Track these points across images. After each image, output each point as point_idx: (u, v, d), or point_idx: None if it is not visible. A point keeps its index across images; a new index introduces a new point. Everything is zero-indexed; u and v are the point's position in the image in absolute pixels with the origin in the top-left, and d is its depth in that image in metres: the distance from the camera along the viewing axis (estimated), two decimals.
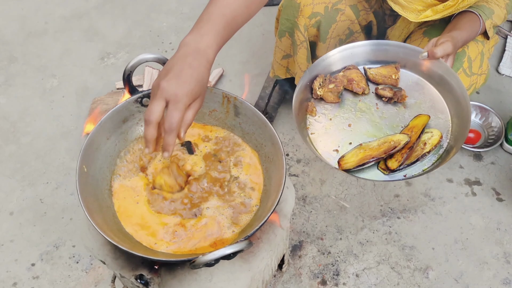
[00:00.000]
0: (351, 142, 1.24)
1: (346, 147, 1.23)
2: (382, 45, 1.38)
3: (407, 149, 1.19)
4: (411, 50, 1.35)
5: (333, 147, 1.23)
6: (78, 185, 0.97)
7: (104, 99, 2.02)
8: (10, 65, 2.22)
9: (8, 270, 1.62)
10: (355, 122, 1.28)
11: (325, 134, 1.25)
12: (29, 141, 1.95)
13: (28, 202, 1.77)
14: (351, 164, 1.17)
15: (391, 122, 1.27)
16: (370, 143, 1.21)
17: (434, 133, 1.23)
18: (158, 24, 2.39)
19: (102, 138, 1.07)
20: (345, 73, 1.33)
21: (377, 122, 1.28)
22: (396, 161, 1.18)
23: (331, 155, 1.22)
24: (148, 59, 1.06)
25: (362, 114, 1.29)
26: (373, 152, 1.19)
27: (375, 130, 1.26)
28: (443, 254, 1.64)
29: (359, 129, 1.26)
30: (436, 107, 1.30)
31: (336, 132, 1.26)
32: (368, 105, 1.31)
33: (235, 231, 1.02)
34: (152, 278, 1.02)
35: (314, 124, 1.28)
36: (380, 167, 1.20)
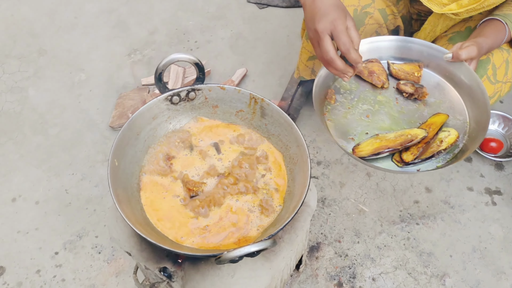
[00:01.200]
0: (367, 133, 1.25)
1: (362, 137, 1.24)
2: (408, 42, 1.40)
3: (424, 144, 1.20)
4: (436, 50, 1.36)
5: (348, 135, 1.25)
6: (110, 178, 1.00)
7: (130, 95, 2.07)
8: (40, 58, 2.28)
9: (32, 258, 1.67)
10: (373, 114, 1.30)
11: (342, 122, 1.27)
12: (56, 133, 2.00)
13: (54, 192, 1.82)
14: (365, 152, 1.19)
15: (410, 118, 1.29)
16: (386, 135, 1.23)
17: (452, 132, 1.24)
18: (185, 23, 2.43)
19: (133, 134, 1.10)
20: (367, 65, 1.36)
21: (395, 116, 1.29)
22: (411, 154, 1.19)
23: (346, 143, 1.23)
24: (180, 59, 1.09)
25: (381, 106, 1.31)
26: (389, 143, 1.20)
27: (392, 124, 1.27)
28: (460, 262, 1.64)
29: (376, 121, 1.28)
30: (455, 108, 1.31)
31: (353, 122, 1.28)
32: (388, 98, 1.33)
33: (259, 230, 1.05)
34: (176, 271, 1.05)
35: (332, 111, 1.30)
36: (394, 159, 1.21)
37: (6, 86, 2.17)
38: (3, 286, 1.60)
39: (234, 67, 2.22)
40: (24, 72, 2.22)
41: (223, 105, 1.20)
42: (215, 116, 1.21)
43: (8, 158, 1.93)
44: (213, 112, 1.21)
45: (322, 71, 1.30)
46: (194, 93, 1.17)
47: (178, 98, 1.16)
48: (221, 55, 2.29)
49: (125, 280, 1.60)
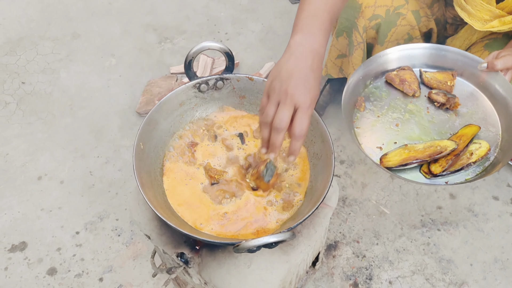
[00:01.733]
0: (396, 142, 1.23)
1: (390, 146, 1.22)
2: (442, 50, 1.36)
3: (453, 156, 1.17)
4: (471, 59, 1.32)
5: (377, 144, 1.22)
6: (134, 161, 1.01)
7: (158, 82, 2.09)
8: (73, 41, 2.32)
9: (54, 236, 1.71)
10: (403, 122, 1.27)
11: (371, 131, 1.25)
12: (84, 115, 2.04)
13: (78, 173, 1.86)
14: (393, 162, 1.17)
15: (440, 128, 1.26)
16: (415, 145, 1.20)
17: (483, 144, 1.20)
18: (216, 14, 2.43)
19: (160, 119, 1.11)
20: (399, 72, 1.33)
21: (425, 126, 1.26)
22: (440, 166, 1.16)
23: (374, 152, 1.21)
24: (211, 47, 1.09)
25: (411, 116, 1.28)
26: (417, 154, 1.18)
27: (422, 134, 1.25)
28: (481, 271, 1.60)
29: (406, 130, 1.25)
30: (488, 119, 1.27)
31: (382, 130, 1.25)
32: (418, 107, 1.30)
33: (278, 222, 1.04)
34: (193, 257, 1.06)
35: (361, 119, 1.28)
36: (422, 170, 1.18)
37: (39, 67, 2.22)
38: (24, 261, 1.65)
39: (263, 61, 2.21)
40: (57, 54, 2.26)
41: (250, 96, 1.20)
42: (241, 106, 1.21)
43: (37, 137, 1.97)
44: (240, 103, 1.21)
45: (353, 78, 1.27)
46: (222, 82, 1.18)
47: (206, 86, 1.17)
48: (251, 48, 2.29)
49: (142, 264, 1.62)
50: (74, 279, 1.61)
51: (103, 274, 1.62)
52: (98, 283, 1.60)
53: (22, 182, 1.84)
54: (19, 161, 1.90)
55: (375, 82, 1.34)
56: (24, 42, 2.31)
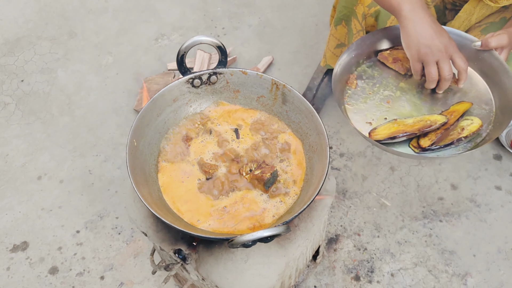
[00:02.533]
0: (386, 118, 1.23)
1: (380, 121, 1.22)
2: None
3: (443, 130, 1.17)
4: (465, 38, 1.31)
5: (367, 119, 1.23)
6: (128, 158, 1.00)
7: (155, 79, 2.08)
8: (70, 40, 2.31)
9: (55, 235, 1.71)
10: (394, 100, 1.27)
11: (362, 107, 1.25)
12: (82, 114, 2.04)
13: (78, 172, 1.86)
14: (382, 135, 1.17)
15: (432, 105, 1.26)
16: (405, 120, 1.21)
17: (475, 120, 1.20)
18: (213, 9, 2.42)
19: (153, 115, 1.11)
20: (392, 52, 1.33)
21: (416, 103, 1.26)
22: (429, 140, 1.16)
23: (363, 126, 1.21)
24: (203, 41, 1.08)
25: (402, 93, 1.28)
26: (407, 127, 1.18)
27: (413, 110, 1.25)
28: (484, 262, 1.59)
29: (397, 107, 1.26)
30: (482, 98, 1.27)
31: (373, 107, 1.26)
32: (410, 86, 1.30)
33: (275, 217, 1.04)
34: (190, 253, 1.05)
35: (352, 96, 1.28)
36: (411, 145, 1.18)
37: (37, 67, 2.21)
38: (26, 260, 1.65)
39: (261, 55, 2.20)
40: (54, 54, 2.26)
41: (245, 90, 1.19)
42: (236, 101, 1.20)
43: (36, 137, 1.97)
44: (234, 97, 1.20)
45: (345, 55, 1.28)
46: (215, 77, 1.17)
47: (200, 81, 1.16)
48: (248, 42, 2.27)
49: (142, 262, 1.62)
50: (75, 277, 1.61)
51: (104, 272, 1.62)
52: (99, 281, 1.60)
53: (22, 182, 1.84)
54: (19, 161, 1.90)
55: (368, 61, 1.35)
56: (21, 43, 2.31)
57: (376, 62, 1.35)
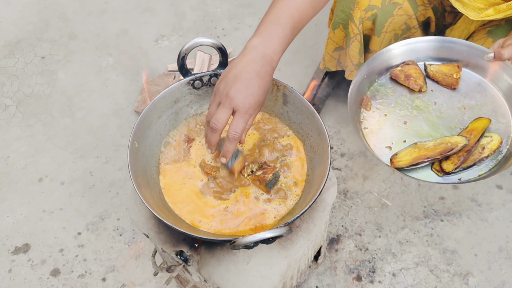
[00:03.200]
0: (405, 140, 1.20)
1: (400, 145, 1.19)
2: (447, 42, 1.33)
3: (465, 152, 1.14)
4: (477, 49, 1.28)
5: (386, 143, 1.19)
6: (129, 160, 1.01)
7: (155, 80, 2.08)
8: (70, 42, 2.32)
9: (56, 237, 1.71)
10: (411, 120, 1.24)
11: (379, 130, 1.22)
12: (83, 116, 2.04)
13: (79, 174, 1.86)
14: (404, 162, 1.14)
15: (449, 123, 1.22)
16: (425, 143, 1.17)
17: (494, 137, 1.17)
18: (213, 10, 2.42)
19: (154, 117, 1.11)
20: (403, 68, 1.30)
21: (434, 122, 1.23)
22: (452, 164, 1.13)
23: (383, 152, 1.18)
24: (203, 43, 1.08)
25: (418, 112, 1.25)
26: (428, 152, 1.14)
27: (431, 130, 1.21)
28: (485, 261, 1.59)
29: (414, 128, 1.22)
30: (498, 111, 1.24)
31: (390, 129, 1.22)
32: (425, 103, 1.26)
33: (276, 218, 1.04)
34: (192, 255, 1.05)
35: (368, 118, 1.24)
36: (434, 168, 1.15)
37: (37, 69, 2.22)
38: (28, 262, 1.65)
39: None
40: (55, 56, 2.26)
41: None
42: None
43: (36, 139, 1.97)
44: None
45: (357, 77, 1.24)
46: (216, 78, 1.17)
47: (200, 83, 1.16)
48: None
49: (144, 263, 1.62)
50: (77, 279, 1.61)
51: (106, 274, 1.62)
52: (101, 283, 1.60)
53: (23, 184, 1.84)
54: (20, 163, 1.91)
55: (380, 79, 1.32)
56: (22, 45, 2.31)
57: (388, 80, 1.31)
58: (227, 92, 0.93)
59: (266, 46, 0.97)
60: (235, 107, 0.93)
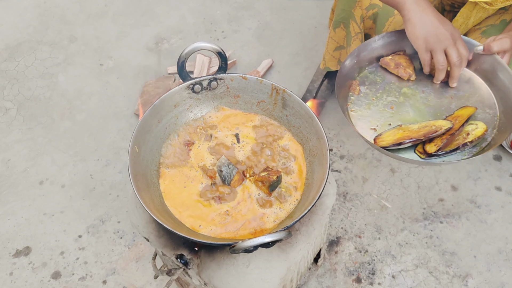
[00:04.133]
0: (391, 124, 1.23)
1: (385, 128, 1.23)
2: None
3: (448, 136, 1.17)
4: (467, 42, 1.32)
5: (371, 125, 1.23)
6: (130, 164, 1.01)
7: (155, 83, 2.09)
8: (70, 44, 2.32)
9: (57, 240, 1.71)
10: (398, 106, 1.28)
11: (366, 113, 1.26)
12: (83, 119, 2.04)
13: (79, 177, 1.86)
14: (387, 142, 1.17)
15: (436, 111, 1.26)
16: (410, 125, 1.21)
17: (479, 125, 1.20)
18: (212, 12, 2.43)
19: (154, 121, 1.11)
20: (394, 57, 1.34)
21: (420, 109, 1.27)
22: (434, 146, 1.16)
23: (368, 133, 1.22)
24: (203, 47, 1.09)
25: (406, 99, 1.29)
26: (412, 133, 1.18)
27: (417, 116, 1.25)
28: (485, 263, 1.60)
29: (401, 113, 1.26)
30: (485, 102, 1.27)
31: (377, 113, 1.26)
32: (414, 91, 1.30)
33: (276, 222, 1.04)
34: (192, 258, 1.06)
35: (356, 102, 1.29)
36: (417, 150, 1.18)
37: (37, 72, 2.22)
38: (29, 265, 1.66)
39: (260, 58, 2.21)
40: (55, 59, 2.27)
41: (245, 95, 1.19)
42: (236, 106, 1.21)
43: (37, 142, 1.98)
44: (235, 102, 1.21)
45: (347, 61, 1.29)
46: (216, 82, 1.17)
47: (200, 87, 1.17)
48: (248, 45, 2.28)
49: (144, 266, 1.63)
50: (78, 282, 1.62)
51: (107, 276, 1.62)
52: (102, 285, 1.61)
53: (24, 187, 1.85)
54: (21, 166, 1.91)
55: (370, 67, 1.36)
56: (22, 48, 2.32)
57: (378, 68, 1.35)
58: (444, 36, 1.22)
59: None
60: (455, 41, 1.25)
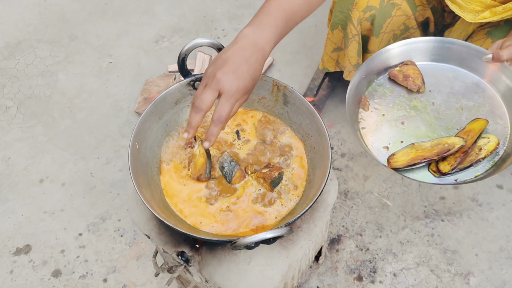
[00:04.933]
0: (403, 141, 1.20)
1: (397, 145, 1.19)
2: (445, 43, 1.32)
3: (461, 153, 1.14)
4: (475, 50, 1.28)
5: (383, 143, 1.20)
6: (130, 161, 1.01)
7: (156, 81, 2.08)
8: (70, 43, 2.32)
9: (57, 238, 1.71)
10: (409, 120, 1.24)
11: (376, 130, 1.22)
12: (83, 117, 2.04)
13: (79, 175, 1.86)
14: (401, 163, 1.14)
15: (447, 124, 1.23)
16: (423, 143, 1.17)
17: (491, 139, 1.17)
18: (212, 10, 2.42)
19: (155, 118, 1.11)
20: (402, 68, 1.30)
21: (431, 123, 1.23)
22: (448, 165, 1.13)
23: (380, 152, 1.18)
24: (203, 43, 1.08)
25: (416, 112, 1.25)
26: (425, 153, 1.15)
27: (429, 131, 1.21)
28: (486, 261, 1.59)
29: (412, 128, 1.22)
30: (496, 112, 1.24)
31: (388, 129, 1.22)
32: (423, 103, 1.27)
33: (277, 218, 1.04)
34: (193, 255, 1.05)
35: (366, 118, 1.25)
36: (431, 169, 1.15)
37: (38, 70, 2.22)
38: (29, 263, 1.65)
39: None
40: (55, 57, 2.26)
41: None
42: None
43: (37, 140, 1.97)
44: None
45: (355, 77, 1.25)
46: None
47: None
48: None
49: (145, 264, 1.63)
50: (78, 280, 1.62)
51: (107, 274, 1.62)
52: (102, 283, 1.60)
53: (24, 186, 1.85)
54: (21, 164, 1.91)
55: (378, 79, 1.32)
56: (22, 46, 2.32)
57: (387, 80, 1.31)
58: (214, 74, 0.92)
59: (257, 35, 0.97)
60: (221, 89, 0.91)
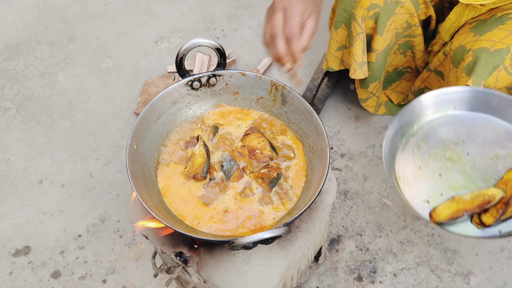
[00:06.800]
0: (442, 193, 1.18)
1: (437, 198, 1.17)
2: (483, 93, 1.28)
3: (503, 205, 1.13)
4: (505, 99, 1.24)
5: (422, 197, 1.17)
6: (128, 161, 1.01)
7: (155, 82, 2.08)
8: (70, 44, 2.32)
9: (57, 239, 1.71)
10: (446, 172, 1.21)
11: (414, 183, 1.20)
12: (83, 118, 2.04)
13: (79, 176, 1.86)
14: (443, 217, 1.13)
15: (484, 174, 1.20)
16: (463, 196, 1.16)
17: None
18: (212, 11, 2.42)
19: (153, 118, 1.11)
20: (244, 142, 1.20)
21: (469, 173, 1.21)
22: (491, 217, 1.12)
23: (422, 206, 1.16)
24: (201, 43, 1.08)
25: (452, 163, 1.22)
26: (466, 205, 1.13)
27: (467, 182, 1.19)
28: (487, 261, 1.59)
29: (450, 180, 1.20)
30: None
31: (426, 182, 1.20)
32: (458, 154, 1.23)
33: (275, 219, 1.03)
34: (191, 256, 1.05)
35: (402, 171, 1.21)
36: (474, 221, 1.14)
37: (37, 71, 2.22)
38: (29, 265, 1.65)
39: (260, 56, 2.20)
40: (55, 58, 2.26)
41: (244, 92, 1.19)
42: (235, 102, 1.20)
43: (37, 142, 1.97)
44: (234, 99, 1.20)
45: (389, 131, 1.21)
46: (215, 79, 1.17)
47: (199, 84, 1.16)
48: (248, 44, 2.27)
49: (144, 265, 1.62)
50: (78, 281, 1.61)
51: (107, 275, 1.62)
52: (101, 285, 1.60)
53: (23, 187, 1.85)
54: (21, 165, 1.91)
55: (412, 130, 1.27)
56: (22, 47, 2.32)
57: None
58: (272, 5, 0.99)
59: None
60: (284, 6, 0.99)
